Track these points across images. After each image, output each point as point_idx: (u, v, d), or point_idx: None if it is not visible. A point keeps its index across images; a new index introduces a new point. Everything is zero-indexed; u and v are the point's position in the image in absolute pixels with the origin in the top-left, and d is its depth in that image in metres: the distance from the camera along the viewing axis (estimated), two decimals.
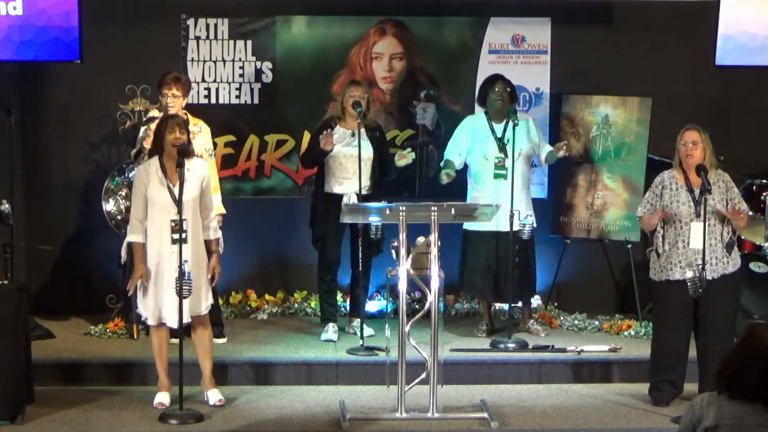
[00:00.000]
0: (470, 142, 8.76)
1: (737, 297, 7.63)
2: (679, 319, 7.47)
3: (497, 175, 8.61)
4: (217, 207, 8.24)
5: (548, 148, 8.84)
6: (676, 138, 7.57)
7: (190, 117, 8.39)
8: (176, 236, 7.18)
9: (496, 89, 8.70)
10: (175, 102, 8.25)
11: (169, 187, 7.29)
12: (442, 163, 8.85)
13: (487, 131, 8.71)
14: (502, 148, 8.60)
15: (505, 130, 8.62)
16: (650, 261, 7.64)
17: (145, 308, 7.41)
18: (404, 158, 8.63)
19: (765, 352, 4.38)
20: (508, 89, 8.73)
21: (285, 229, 9.54)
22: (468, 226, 8.70)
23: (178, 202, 7.18)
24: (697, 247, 7.38)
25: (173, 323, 7.31)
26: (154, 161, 7.38)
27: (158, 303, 7.33)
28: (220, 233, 7.65)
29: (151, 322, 7.39)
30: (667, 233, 7.49)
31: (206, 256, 7.45)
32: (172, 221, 7.20)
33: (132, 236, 7.42)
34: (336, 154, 8.55)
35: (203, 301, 7.45)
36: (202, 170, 7.45)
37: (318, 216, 8.68)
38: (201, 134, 8.42)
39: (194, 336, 7.51)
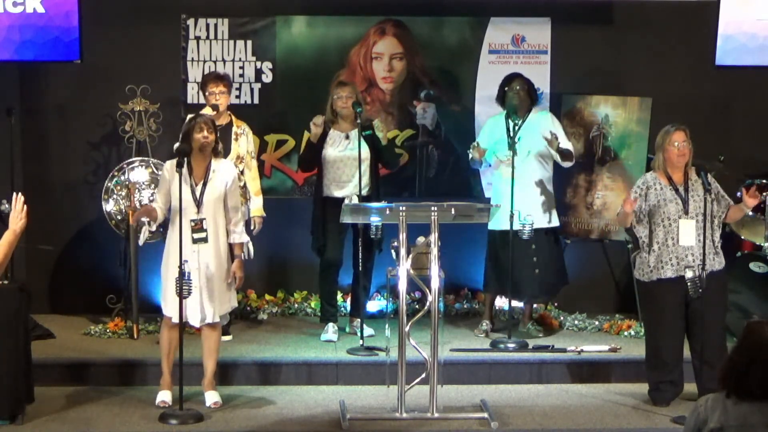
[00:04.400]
0: (488, 141, 8.76)
1: (726, 294, 7.68)
2: (673, 318, 7.49)
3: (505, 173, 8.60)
4: (258, 209, 8.45)
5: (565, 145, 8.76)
6: (658, 140, 7.59)
7: (234, 119, 8.49)
8: (196, 236, 7.28)
9: (514, 87, 8.70)
10: (222, 98, 8.32)
11: (192, 186, 7.33)
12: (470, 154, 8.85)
13: (502, 131, 8.71)
14: (511, 146, 8.58)
15: (518, 129, 8.58)
16: (637, 262, 7.65)
17: (166, 305, 7.44)
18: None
19: (765, 348, 4.39)
20: (526, 87, 8.73)
21: (285, 229, 9.53)
22: (490, 226, 8.67)
23: (180, 201, 7.21)
24: (687, 244, 7.40)
25: (195, 322, 7.39)
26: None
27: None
28: (246, 238, 7.66)
29: (175, 320, 7.39)
30: (657, 233, 7.51)
31: (230, 259, 7.48)
32: (191, 221, 7.24)
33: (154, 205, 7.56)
34: (333, 158, 8.56)
35: (226, 302, 7.50)
36: (229, 172, 7.49)
37: (319, 220, 8.67)
38: (244, 136, 8.50)
39: (203, 335, 7.54)
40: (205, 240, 7.32)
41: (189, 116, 7.94)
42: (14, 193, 5.76)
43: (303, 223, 8.99)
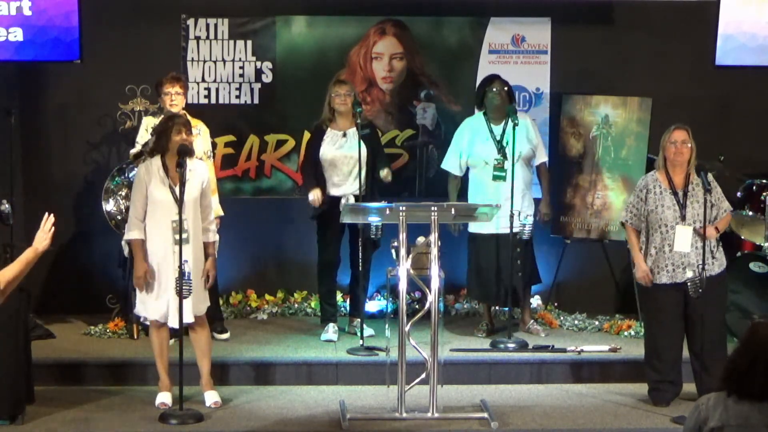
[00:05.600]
0: (470, 144, 8.75)
1: (725, 296, 7.68)
2: (671, 320, 7.50)
3: (496, 176, 8.59)
4: (216, 210, 8.31)
5: (542, 157, 8.84)
6: (660, 140, 7.58)
7: (189, 118, 8.40)
8: (178, 236, 7.19)
9: (494, 88, 8.70)
10: (177, 99, 8.27)
11: (170, 187, 7.30)
12: (444, 165, 8.83)
13: (486, 133, 8.70)
14: (501, 150, 8.59)
15: (504, 131, 8.60)
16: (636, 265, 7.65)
17: (147, 308, 7.41)
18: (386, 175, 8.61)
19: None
20: (506, 88, 8.73)
21: (285, 229, 9.54)
22: (471, 228, 8.71)
23: (180, 202, 7.19)
24: (682, 250, 7.40)
25: (175, 323, 7.33)
26: (156, 160, 7.38)
27: (161, 303, 7.33)
28: (217, 236, 7.67)
29: (157, 318, 7.38)
30: (654, 238, 7.51)
31: (204, 258, 7.47)
32: (173, 221, 7.20)
33: (131, 234, 7.42)
34: (330, 157, 8.55)
35: (204, 301, 7.47)
36: (203, 172, 7.47)
37: (317, 220, 8.65)
38: (200, 136, 8.43)
39: (192, 336, 7.52)
40: (186, 240, 7.27)
41: (146, 118, 8.02)
42: (46, 213, 5.70)
43: (303, 223, 8.99)
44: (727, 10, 9.28)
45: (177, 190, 7.26)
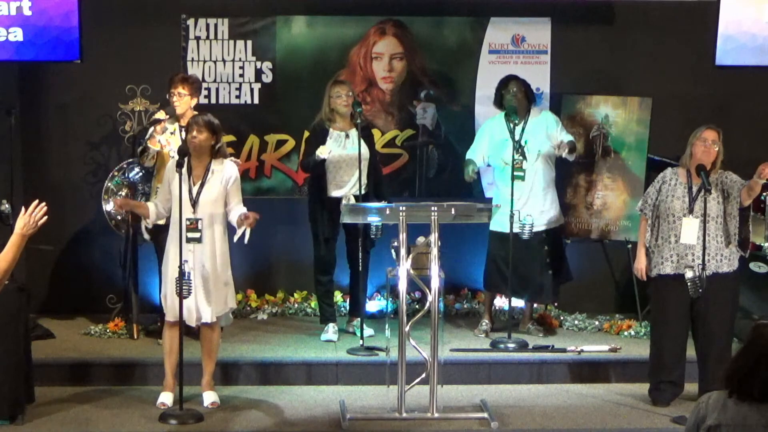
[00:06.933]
0: (490, 145, 8.74)
1: (733, 297, 7.58)
2: (675, 318, 7.47)
3: (515, 176, 8.55)
4: None
5: (567, 138, 8.79)
6: (689, 137, 7.54)
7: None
8: (190, 235, 7.28)
9: (511, 90, 8.69)
10: (180, 101, 8.28)
11: (189, 186, 7.33)
12: (465, 163, 8.83)
13: (505, 134, 8.69)
14: (518, 149, 8.57)
15: (522, 131, 8.59)
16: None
17: (168, 306, 7.44)
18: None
19: None
20: (523, 89, 8.72)
21: (285, 229, 9.54)
22: (491, 226, 8.68)
23: (194, 202, 7.33)
24: (688, 243, 7.39)
25: (192, 322, 7.42)
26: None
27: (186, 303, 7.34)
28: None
29: (170, 318, 7.41)
30: (661, 227, 7.51)
31: (228, 258, 7.51)
32: (187, 220, 7.27)
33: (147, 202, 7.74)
34: (335, 157, 8.54)
35: (222, 303, 7.51)
36: (228, 172, 7.49)
37: (317, 220, 8.64)
38: None
39: (203, 336, 7.54)
40: (198, 240, 7.32)
41: (159, 118, 8.19)
42: (36, 201, 5.69)
43: (303, 223, 8.98)
44: (727, 10, 9.27)
45: (195, 189, 7.37)
